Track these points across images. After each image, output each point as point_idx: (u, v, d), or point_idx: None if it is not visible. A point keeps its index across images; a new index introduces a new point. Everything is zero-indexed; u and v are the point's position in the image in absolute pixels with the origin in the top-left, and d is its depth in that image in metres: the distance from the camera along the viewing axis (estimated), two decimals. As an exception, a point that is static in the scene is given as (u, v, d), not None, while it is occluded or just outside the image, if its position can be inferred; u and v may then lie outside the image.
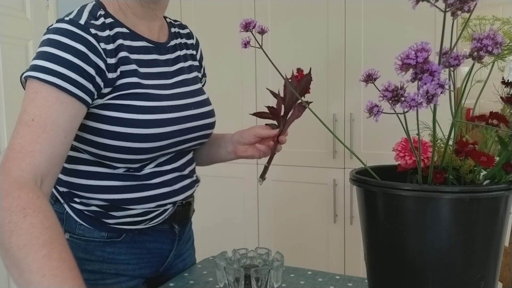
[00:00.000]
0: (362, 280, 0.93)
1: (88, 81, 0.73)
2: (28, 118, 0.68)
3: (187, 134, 0.86)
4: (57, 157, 0.69)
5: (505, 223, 0.60)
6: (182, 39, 0.96)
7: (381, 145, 1.94)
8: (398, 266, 0.61)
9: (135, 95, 0.78)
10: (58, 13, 2.34)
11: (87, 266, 0.84)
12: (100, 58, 0.74)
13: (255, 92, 2.22)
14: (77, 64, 0.71)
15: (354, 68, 2.02)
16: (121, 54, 0.78)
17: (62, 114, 0.69)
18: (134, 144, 0.78)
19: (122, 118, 0.77)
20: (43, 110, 0.68)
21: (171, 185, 0.88)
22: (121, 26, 0.81)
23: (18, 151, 0.66)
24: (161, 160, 0.87)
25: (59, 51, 0.71)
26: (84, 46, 0.72)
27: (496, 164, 0.60)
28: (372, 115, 0.56)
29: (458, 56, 0.54)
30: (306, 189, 2.17)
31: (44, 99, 0.69)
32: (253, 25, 0.74)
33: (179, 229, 0.97)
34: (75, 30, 0.72)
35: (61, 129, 0.69)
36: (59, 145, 0.69)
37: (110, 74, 0.76)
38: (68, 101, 0.70)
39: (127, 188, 0.83)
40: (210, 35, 2.22)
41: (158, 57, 0.86)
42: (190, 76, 0.93)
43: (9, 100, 2.12)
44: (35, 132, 0.67)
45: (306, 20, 2.11)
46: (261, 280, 0.83)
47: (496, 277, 0.62)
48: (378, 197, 0.62)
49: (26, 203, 0.61)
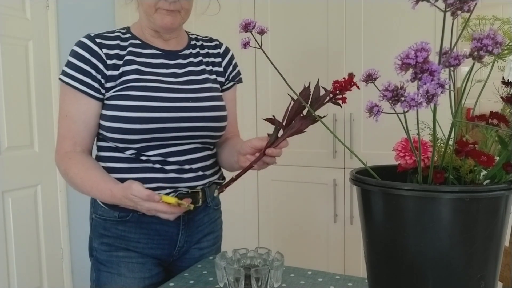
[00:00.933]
0: (362, 280, 0.93)
1: (91, 80, 0.98)
2: (64, 114, 1.01)
3: (181, 122, 1.00)
4: (87, 136, 1.02)
5: (505, 223, 0.60)
6: (203, 49, 1.14)
7: (381, 145, 1.94)
8: (398, 266, 0.61)
9: (133, 87, 0.99)
10: (58, 13, 2.34)
11: (105, 239, 1.05)
12: (99, 60, 0.98)
13: (255, 92, 2.22)
14: (82, 67, 0.98)
15: (354, 68, 2.02)
16: (127, 57, 1.01)
17: (79, 109, 0.99)
18: (128, 125, 0.96)
19: (121, 104, 0.97)
20: (70, 107, 1.00)
21: (170, 173, 1.02)
22: (135, 39, 1.06)
23: (62, 136, 1.01)
24: (164, 151, 1.01)
25: (73, 59, 0.99)
26: (87, 52, 0.98)
27: (496, 164, 0.60)
28: (372, 115, 0.55)
29: (458, 55, 0.54)
30: (306, 189, 2.17)
31: (69, 99, 1.00)
32: (253, 25, 0.74)
33: (184, 214, 1.04)
34: (85, 41, 0.99)
35: (83, 118, 1.00)
36: (85, 128, 1.01)
37: (110, 72, 0.99)
38: (81, 98, 0.99)
39: (132, 169, 1.01)
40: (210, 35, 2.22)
41: (165, 61, 1.06)
42: (199, 78, 1.08)
43: (9, 100, 2.12)
44: (69, 123, 1.00)
45: (306, 20, 2.11)
46: (261, 280, 0.83)
47: (496, 277, 0.62)
48: (378, 197, 0.62)
49: (66, 166, 0.99)
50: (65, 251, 2.44)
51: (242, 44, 0.75)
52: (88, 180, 0.95)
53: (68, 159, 0.98)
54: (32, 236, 2.26)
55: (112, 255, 1.04)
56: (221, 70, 1.15)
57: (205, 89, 1.07)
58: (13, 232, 2.15)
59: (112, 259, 1.04)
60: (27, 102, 2.23)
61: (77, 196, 2.81)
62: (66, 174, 0.98)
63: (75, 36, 1.05)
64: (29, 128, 2.25)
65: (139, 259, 1.04)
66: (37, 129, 2.28)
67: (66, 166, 0.98)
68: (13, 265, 2.15)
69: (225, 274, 0.85)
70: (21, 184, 2.20)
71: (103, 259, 1.04)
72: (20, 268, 2.18)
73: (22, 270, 2.19)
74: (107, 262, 1.04)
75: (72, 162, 0.98)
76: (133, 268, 1.03)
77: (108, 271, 1.03)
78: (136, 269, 1.03)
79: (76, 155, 0.99)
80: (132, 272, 1.03)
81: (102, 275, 1.04)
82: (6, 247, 2.12)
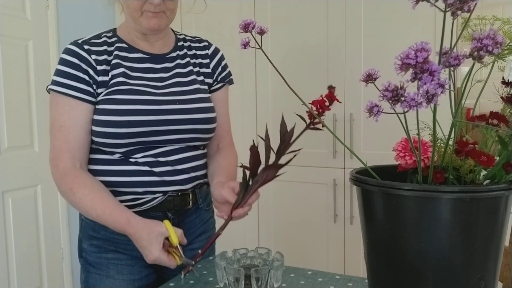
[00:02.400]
0: (362, 280, 0.93)
1: (84, 84, 0.96)
2: (58, 125, 0.96)
3: (168, 125, 1.00)
4: (84, 145, 0.98)
5: (505, 223, 0.60)
6: (191, 50, 1.12)
7: (381, 145, 1.94)
8: (398, 266, 0.61)
9: (120, 91, 0.97)
10: (58, 13, 2.33)
11: (94, 241, 1.04)
12: (89, 66, 0.97)
13: (255, 92, 2.22)
14: (72, 73, 0.96)
15: (354, 68, 2.02)
16: (114, 61, 1.00)
17: (76, 116, 0.96)
18: (115, 129, 0.96)
19: (107, 108, 0.97)
20: (65, 116, 0.96)
21: (160, 175, 1.00)
22: (122, 42, 1.04)
23: (58, 149, 0.96)
24: (149, 152, 1.00)
25: (63, 67, 0.97)
26: (76, 58, 0.97)
27: (496, 164, 0.60)
28: (372, 115, 0.55)
29: (458, 56, 0.54)
30: (306, 189, 2.17)
31: (62, 108, 0.96)
32: (253, 26, 0.74)
33: (174, 217, 1.05)
34: (73, 47, 0.98)
35: (80, 126, 0.97)
36: (82, 138, 0.97)
37: (101, 78, 0.98)
38: (76, 104, 0.96)
39: (120, 172, 1.00)
40: (210, 36, 2.22)
41: (151, 65, 1.05)
42: (185, 79, 1.07)
43: (9, 100, 2.12)
44: (65, 134, 0.96)
45: (306, 20, 2.11)
46: (261, 280, 0.83)
47: (496, 277, 0.62)
48: (378, 197, 0.62)
49: (72, 184, 0.93)
50: (65, 251, 2.44)
51: (242, 44, 0.75)
52: (100, 204, 0.92)
53: (74, 177, 0.94)
54: (32, 236, 2.26)
55: (101, 256, 1.03)
56: (209, 71, 1.13)
57: (192, 91, 1.06)
58: (13, 232, 2.15)
59: (101, 260, 1.03)
60: (27, 102, 2.23)
61: (77, 196, 2.75)
62: (73, 193, 0.93)
63: (75, 36, 1.04)
64: (29, 128, 2.24)
65: (128, 261, 1.03)
66: (37, 129, 2.27)
67: (71, 185, 0.94)
68: (13, 265, 2.15)
69: (225, 274, 0.85)
70: (21, 184, 2.20)
71: (92, 261, 1.04)
72: (20, 268, 2.18)
73: (22, 270, 2.19)
74: (96, 263, 1.03)
75: (79, 181, 0.94)
76: (122, 270, 1.03)
77: (97, 272, 1.03)
78: (125, 271, 1.03)
79: (81, 173, 0.96)
80: (121, 274, 1.02)
81: (91, 276, 1.03)
82: (6, 247, 2.12)
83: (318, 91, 1.98)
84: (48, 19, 2.29)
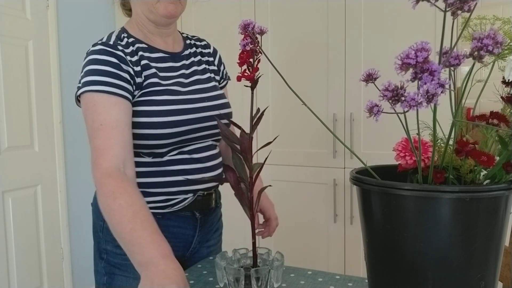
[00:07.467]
0: (362, 280, 0.93)
1: (125, 82, 0.92)
2: (97, 125, 0.87)
3: (203, 122, 1.01)
4: (128, 144, 0.90)
5: (505, 223, 0.60)
6: (198, 48, 1.14)
7: (381, 145, 1.94)
8: (398, 266, 0.61)
9: (156, 91, 0.97)
10: (58, 13, 2.33)
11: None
12: (129, 66, 0.94)
13: (255, 92, 2.22)
14: (113, 72, 0.91)
15: (354, 68, 2.02)
16: (143, 62, 0.98)
17: (118, 112, 0.89)
18: (156, 130, 0.94)
19: (146, 110, 0.95)
20: (105, 115, 0.88)
21: (191, 173, 1.01)
22: (141, 42, 1.02)
23: (101, 149, 0.86)
24: (184, 149, 1.01)
25: (99, 66, 0.91)
26: (115, 58, 0.93)
27: (496, 163, 0.60)
28: (372, 115, 0.55)
29: (458, 55, 0.54)
30: (306, 189, 2.17)
31: (102, 106, 0.89)
32: (252, 26, 0.74)
33: (201, 217, 1.08)
34: (107, 48, 0.93)
35: (123, 123, 0.89)
36: (126, 134, 0.89)
37: (138, 79, 0.95)
38: (117, 101, 0.90)
39: (152, 173, 0.99)
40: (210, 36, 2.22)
41: (173, 64, 1.05)
42: (204, 77, 1.10)
43: (9, 100, 2.12)
44: (107, 132, 0.87)
45: (306, 20, 2.11)
46: (261, 280, 0.83)
47: (496, 277, 0.62)
48: (378, 197, 0.61)
49: (115, 188, 0.82)
50: (65, 251, 2.44)
51: (242, 44, 0.75)
52: (144, 220, 0.79)
53: (120, 181, 0.83)
54: (32, 236, 2.26)
55: (127, 258, 0.95)
56: (216, 69, 1.17)
57: (212, 88, 1.09)
58: (13, 232, 2.15)
59: (127, 262, 0.93)
60: (27, 102, 2.23)
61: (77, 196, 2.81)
62: (113, 198, 0.81)
63: (75, 36, 1.04)
64: (29, 128, 2.25)
65: None
66: (37, 129, 2.28)
67: (115, 188, 0.82)
68: (13, 265, 2.15)
69: (225, 274, 0.85)
70: (21, 184, 2.20)
71: (117, 262, 1.01)
72: (20, 268, 2.18)
73: (22, 270, 2.19)
74: (121, 265, 1.00)
75: (124, 186, 0.83)
76: None
77: (123, 274, 1.00)
78: None
79: (127, 179, 0.85)
80: None
81: (117, 278, 1.01)
82: (6, 247, 2.12)
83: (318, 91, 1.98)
84: (48, 19, 2.29)
